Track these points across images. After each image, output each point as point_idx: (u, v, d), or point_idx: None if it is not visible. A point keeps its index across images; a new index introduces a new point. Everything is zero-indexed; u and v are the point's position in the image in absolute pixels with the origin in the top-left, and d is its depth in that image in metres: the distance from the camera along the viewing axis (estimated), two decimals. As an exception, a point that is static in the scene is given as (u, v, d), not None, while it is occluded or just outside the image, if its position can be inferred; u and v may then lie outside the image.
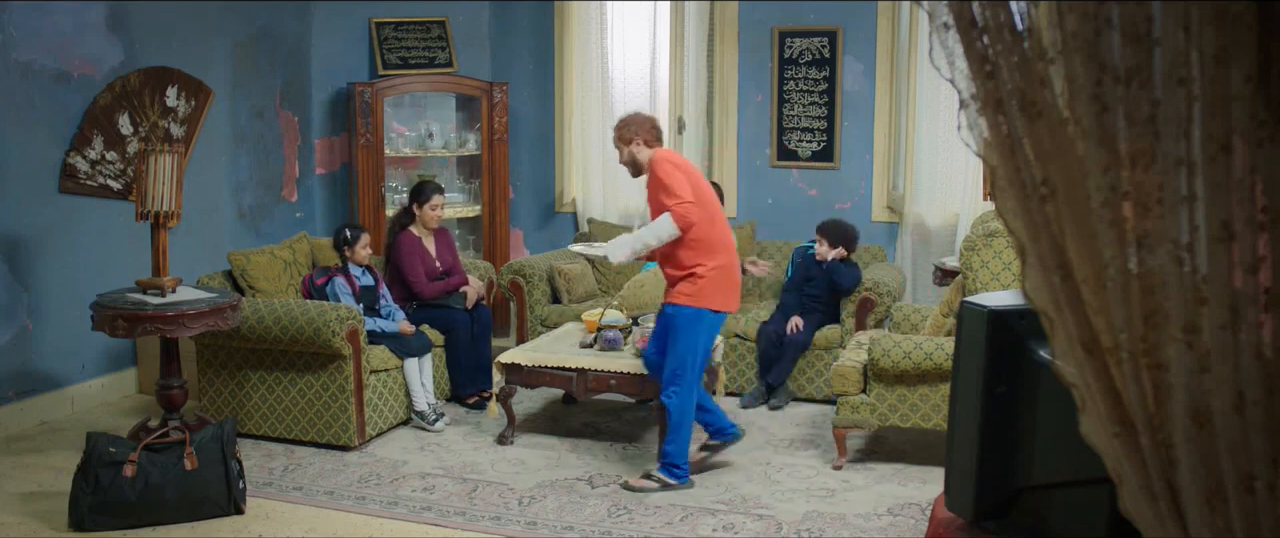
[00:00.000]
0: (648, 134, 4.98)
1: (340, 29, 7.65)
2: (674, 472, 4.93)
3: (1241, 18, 1.49)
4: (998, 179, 1.73)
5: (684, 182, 4.79)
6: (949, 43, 1.71)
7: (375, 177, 7.36)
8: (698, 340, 4.85)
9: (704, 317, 4.84)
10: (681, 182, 4.78)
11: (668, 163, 4.87)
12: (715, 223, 4.88)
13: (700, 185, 4.91)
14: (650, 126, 5.00)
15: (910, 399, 5.09)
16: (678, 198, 4.73)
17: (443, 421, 5.86)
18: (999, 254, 5.06)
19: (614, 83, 7.60)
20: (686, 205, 4.73)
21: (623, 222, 7.53)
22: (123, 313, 5.02)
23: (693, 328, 4.83)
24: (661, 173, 4.81)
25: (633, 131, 4.98)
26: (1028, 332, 2.39)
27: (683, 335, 4.84)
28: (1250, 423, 1.58)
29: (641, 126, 4.99)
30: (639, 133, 4.97)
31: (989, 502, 2.55)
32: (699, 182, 4.92)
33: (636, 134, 4.97)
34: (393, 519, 4.70)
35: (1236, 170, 1.53)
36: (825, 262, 6.31)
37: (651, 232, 4.81)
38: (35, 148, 5.84)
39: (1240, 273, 1.55)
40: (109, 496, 4.48)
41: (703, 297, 4.81)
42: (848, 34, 7.13)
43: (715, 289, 4.82)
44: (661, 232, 4.77)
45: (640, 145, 4.97)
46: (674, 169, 4.83)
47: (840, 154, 7.26)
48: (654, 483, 4.93)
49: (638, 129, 4.98)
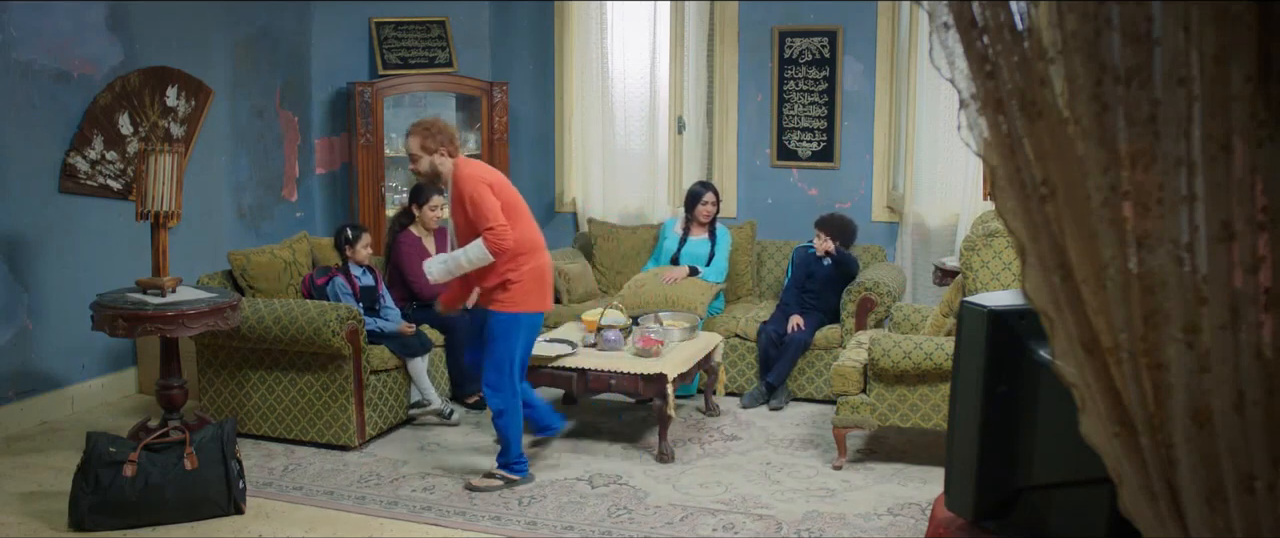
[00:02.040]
0: (451, 145, 4.88)
1: (340, 29, 7.65)
2: (513, 467, 5.00)
3: (1241, 18, 1.49)
4: (998, 179, 1.73)
5: (495, 202, 4.75)
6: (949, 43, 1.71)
7: (375, 177, 7.36)
8: (515, 344, 4.88)
9: (521, 321, 4.87)
10: (493, 202, 4.74)
11: (477, 181, 4.80)
12: (523, 224, 4.88)
13: (506, 190, 4.89)
14: (451, 137, 4.89)
15: (910, 399, 5.09)
16: (490, 223, 4.70)
17: (457, 413, 5.94)
18: (999, 254, 5.06)
19: (614, 83, 7.60)
20: (500, 229, 4.71)
21: (623, 221, 7.53)
22: (123, 313, 5.02)
23: (510, 333, 4.86)
24: (473, 193, 4.76)
25: (438, 141, 4.85)
26: (1028, 332, 2.39)
27: (501, 341, 4.86)
28: (1250, 423, 1.58)
29: (446, 136, 4.87)
30: (444, 143, 4.86)
31: (989, 502, 2.55)
32: (504, 187, 4.91)
33: (442, 145, 4.85)
34: (393, 519, 4.70)
35: (1236, 170, 1.53)
36: (829, 255, 6.35)
37: (466, 256, 4.79)
38: (35, 148, 5.84)
39: (1240, 273, 1.55)
40: (109, 495, 4.48)
41: (516, 302, 4.84)
42: (848, 34, 7.13)
43: (528, 293, 4.87)
44: (475, 257, 4.77)
45: (443, 156, 4.87)
46: (484, 188, 4.77)
47: (840, 154, 7.26)
48: (497, 481, 4.98)
49: (443, 139, 4.86)
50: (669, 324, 5.86)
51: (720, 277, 6.72)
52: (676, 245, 6.82)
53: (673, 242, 6.86)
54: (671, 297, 6.36)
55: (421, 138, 4.87)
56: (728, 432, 5.81)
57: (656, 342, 5.50)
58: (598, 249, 7.29)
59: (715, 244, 6.77)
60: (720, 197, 6.86)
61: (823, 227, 6.45)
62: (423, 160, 4.88)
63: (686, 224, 6.86)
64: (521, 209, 4.93)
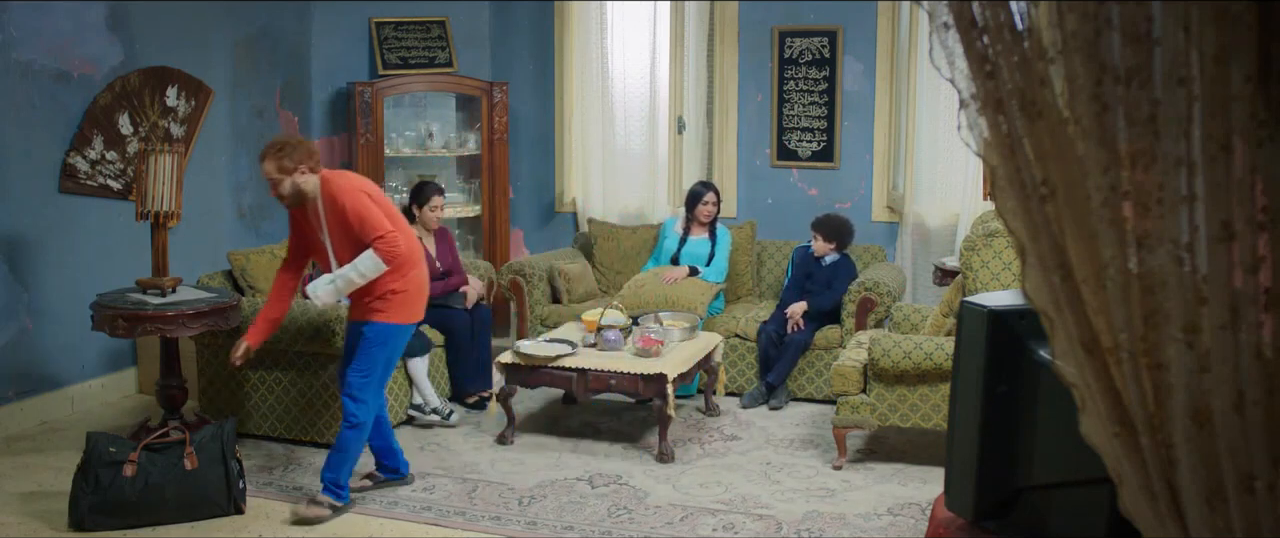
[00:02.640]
0: (311, 160, 4.57)
1: (340, 29, 7.65)
2: (338, 493, 4.70)
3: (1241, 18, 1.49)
4: (998, 179, 1.73)
5: (377, 211, 4.56)
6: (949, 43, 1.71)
7: (375, 176, 7.35)
8: (391, 356, 4.73)
9: (396, 332, 4.70)
10: (376, 211, 4.54)
11: (355, 192, 4.57)
12: (405, 233, 4.68)
13: (383, 199, 4.70)
14: (310, 151, 4.59)
15: (910, 399, 5.09)
16: (380, 231, 4.50)
17: (456, 414, 5.92)
18: (999, 254, 5.06)
19: (614, 83, 7.60)
20: (391, 236, 4.51)
21: (623, 221, 7.53)
22: (123, 313, 5.02)
23: (389, 343, 4.69)
24: (354, 205, 4.53)
25: (295, 159, 4.53)
26: (1028, 332, 2.39)
27: (378, 350, 4.66)
28: (1250, 423, 1.58)
29: (303, 152, 4.56)
30: (303, 160, 4.54)
31: (989, 502, 2.55)
32: (381, 196, 4.72)
33: (300, 162, 4.54)
34: (393, 519, 4.70)
35: (1236, 170, 1.53)
36: (823, 259, 6.36)
37: (357, 270, 4.54)
38: (35, 148, 5.84)
39: (1240, 273, 1.55)
40: (109, 495, 4.48)
41: (395, 313, 4.66)
42: (848, 34, 7.13)
43: (406, 304, 4.69)
44: (368, 269, 4.53)
45: (304, 173, 4.55)
46: (364, 197, 4.57)
47: (840, 154, 7.26)
48: (324, 509, 4.65)
49: (302, 157, 4.55)
50: (669, 324, 5.86)
51: (720, 277, 6.72)
52: (677, 245, 6.82)
53: (673, 241, 6.86)
54: (671, 297, 6.36)
55: (276, 160, 4.53)
56: (728, 432, 5.81)
57: (656, 342, 5.51)
58: (598, 249, 7.29)
59: (715, 244, 6.77)
60: (721, 197, 6.86)
61: (819, 228, 6.43)
62: (283, 183, 4.55)
63: (687, 224, 6.86)
64: (400, 218, 4.73)
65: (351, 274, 4.56)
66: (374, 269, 4.54)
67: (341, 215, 4.56)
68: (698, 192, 6.77)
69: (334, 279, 4.60)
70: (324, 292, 4.61)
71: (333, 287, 4.60)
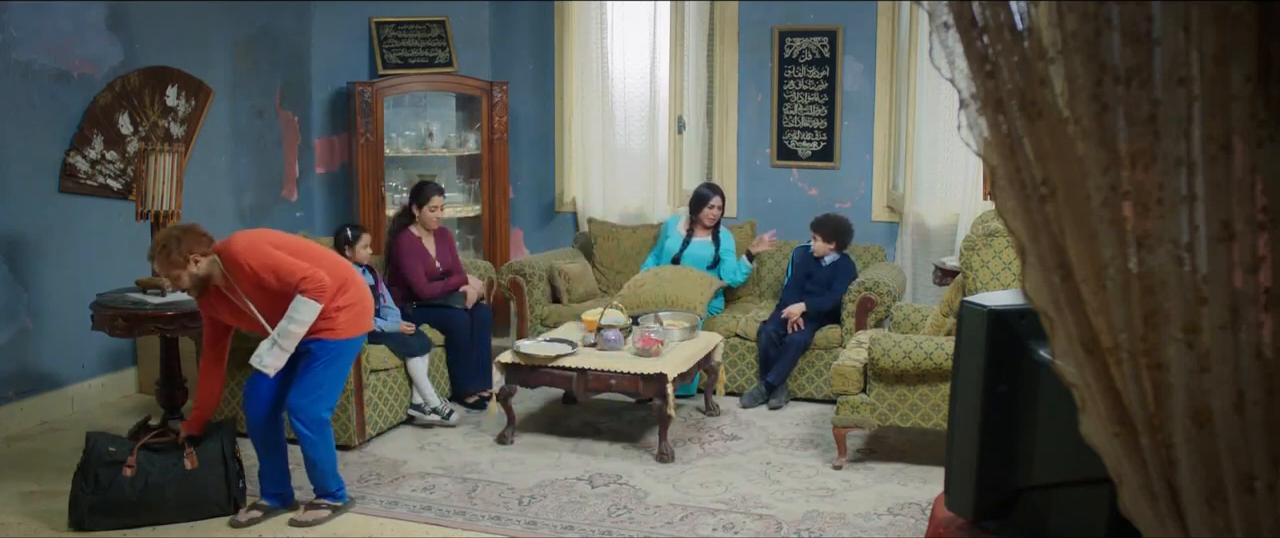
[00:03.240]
0: (201, 245, 4.37)
1: (340, 29, 7.65)
2: (335, 495, 4.71)
3: (1241, 18, 1.49)
4: (998, 179, 1.73)
5: (286, 257, 4.43)
6: (949, 42, 1.71)
7: (375, 176, 7.36)
8: (341, 372, 4.68)
9: (346, 347, 4.65)
10: (285, 259, 4.41)
11: (257, 248, 4.43)
12: (325, 260, 4.62)
13: (286, 241, 4.59)
14: (196, 237, 4.38)
15: (910, 399, 5.09)
16: (298, 275, 4.36)
17: (455, 414, 5.92)
18: (999, 254, 5.06)
19: (614, 83, 7.60)
20: (311, 276, 4.37)
21: (623, 221, 7.53)
22: (122, 313, 5.02)
23: (333, 362, 4.61)
24: (263, 261, 4.38)
25: (185, 252, 4.32)
26: (1028, 332, 2.39)
27: (329, 366, 4.59)
28: (1250, 423, 1.58)
29: (190, 239, 4.36)
30: (191, 249, 4.33)
31: (989, 502, 2.55)
32: (284, 239, 4.61)
33: (190, 252, 4.33)
34: (393, 519, 4.70)
35: (1236, 170, 1.53)
36: (823, 259, 6.36)
37: (295, 322, 4.39)
38: (35, 148, 5.84)
39: (1240, 273, 1.55)
40: (109, 495, 4.48)
41: (344, 329, 4.61)
42: (848, 34, 7.13)
43: (354, 319, 4.65)
44: (305, 315, 4.40)
45: (198, 260, 4.35)
46: (267, 247, 4.44)
47: (840, 154, 7.26)
48: (322, 511, 4.67)
49: (190, 246, 4.34)
50: (669, 324, 5.86)
51: (743, 274, 6.75)
52: (679, 246, 6.82)
53: (675, 241, 6.85)
54: (671, 296, 6.36)
55: (164, 262, 4.33)
56: (728, 432, 5.81)
57: (656, 342, 5.51)
58: (598, 249, 7.29)
59: (721, 246, 6.77)
60: (726, 200, 6.86)
61: (819, 228, 6.43)
62: (181, 278, 4.36)
63: (690, 225, 6.86)
64: (313, 248, 4.66)
65: (292, 327, 4.41)
66: (310, 313, 4.40)
67: (253, 277, 4.41)
68: (704, 195, 6.73)
69: (275, 341, 4.43)
70: (271, 358, 4.43)
71: (277, 348, 4.43)
